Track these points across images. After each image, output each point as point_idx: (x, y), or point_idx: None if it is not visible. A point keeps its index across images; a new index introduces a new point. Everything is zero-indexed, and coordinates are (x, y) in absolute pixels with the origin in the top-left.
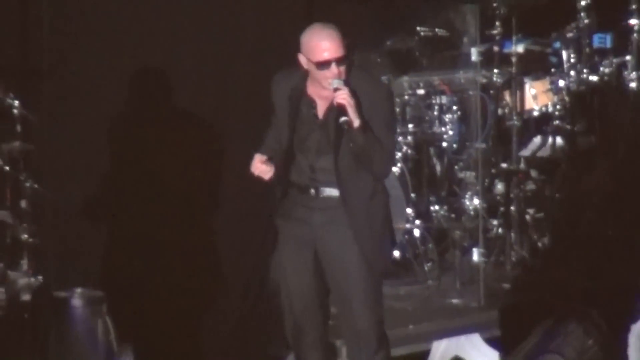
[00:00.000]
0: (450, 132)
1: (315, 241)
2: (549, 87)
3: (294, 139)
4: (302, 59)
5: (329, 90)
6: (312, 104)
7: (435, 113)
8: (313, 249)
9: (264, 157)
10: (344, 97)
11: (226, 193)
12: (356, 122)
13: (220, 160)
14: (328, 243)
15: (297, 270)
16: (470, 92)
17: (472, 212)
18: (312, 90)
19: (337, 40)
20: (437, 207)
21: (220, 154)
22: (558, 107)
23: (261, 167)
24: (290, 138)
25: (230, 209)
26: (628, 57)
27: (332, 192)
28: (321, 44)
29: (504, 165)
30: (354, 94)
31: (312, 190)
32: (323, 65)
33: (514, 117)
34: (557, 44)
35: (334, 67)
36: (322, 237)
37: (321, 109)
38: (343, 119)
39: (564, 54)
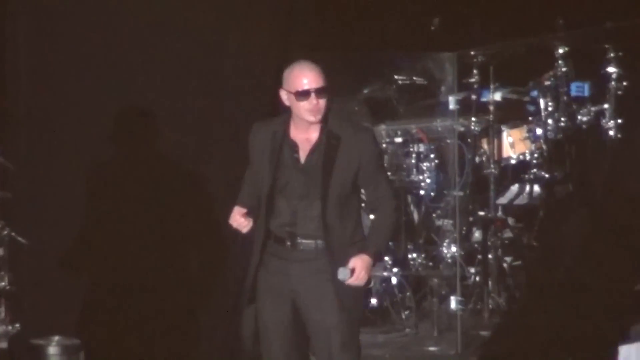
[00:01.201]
0: (428, 180)
1: (293, 293)
2: (526, 135)
3: (276, 184)
4: (283, 94)
5: (310, 125)
6: (294, 148)
7: (413, 161)
8: (291, 300)
9: (243, 210)
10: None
11: (208, 244)
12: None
13: (202, 212)
14: (306, 295)
15: (275, 323)
16: (448, 140)
17: (449, 260)
18: (294, 133)
19: (318, 72)
20: (414, 255)
21: (201, 205)
22: (535, 155)
23: (239, 220)
24: (271, 184)
25: (209, 256)
26: (606, 106)
27: (309, 244)
28: (301, 74)
29: (481, 213)
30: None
31: (288, 243)
32: (302, 95)
33: (492, 165)
34: (535, 93)
35: (313, 98)
36: (299, 289)
37: (303, 153)
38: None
39: (542, 102)
